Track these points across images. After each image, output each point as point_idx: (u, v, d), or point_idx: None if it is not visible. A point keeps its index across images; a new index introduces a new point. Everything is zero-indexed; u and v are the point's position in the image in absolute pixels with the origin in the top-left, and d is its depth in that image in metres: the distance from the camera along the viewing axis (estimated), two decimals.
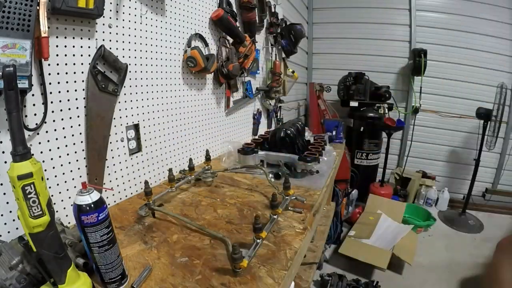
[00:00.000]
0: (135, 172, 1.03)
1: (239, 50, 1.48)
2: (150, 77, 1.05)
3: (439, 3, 3.19)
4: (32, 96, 0.69)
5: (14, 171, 0.42)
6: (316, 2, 3.60)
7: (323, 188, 1.14)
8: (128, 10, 0.93)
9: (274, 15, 1.96)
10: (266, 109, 2.10)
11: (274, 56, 2.07)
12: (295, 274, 0.72)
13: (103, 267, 0.54)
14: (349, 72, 3.20)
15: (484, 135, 2.88)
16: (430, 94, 3.33)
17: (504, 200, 3.29)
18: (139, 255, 0.68)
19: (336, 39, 3.63)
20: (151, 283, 0.59)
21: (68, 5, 0.69)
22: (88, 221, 0.50)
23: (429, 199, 3.31)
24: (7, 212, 0.65)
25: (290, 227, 0.82)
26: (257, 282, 0.59)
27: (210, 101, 1.44)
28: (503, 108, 2.79)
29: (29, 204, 0.43)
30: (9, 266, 0.50)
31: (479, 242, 2.70)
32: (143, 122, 1.03)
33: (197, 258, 0.67)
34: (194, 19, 1.25)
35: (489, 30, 3.08)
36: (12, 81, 0.43)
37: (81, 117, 0.81)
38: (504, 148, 3.26)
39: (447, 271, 2.25)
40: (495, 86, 2.88)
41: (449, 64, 3.25)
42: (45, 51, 0.66)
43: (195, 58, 1.16)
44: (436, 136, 3.48)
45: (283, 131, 1.39)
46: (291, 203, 0.92)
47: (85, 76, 0.81)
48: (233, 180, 1.21)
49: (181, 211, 0.92)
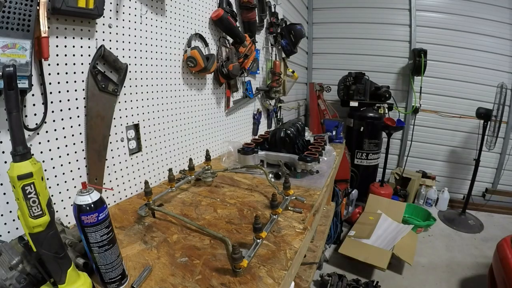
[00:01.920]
0: (135, 172, 1.03)
1: (239, 50, 1.48)
2: (150, 77, 1.05)
3: (439, 3, 3.19)
4: (32, 96, 0.69)
5: (14, 171, 0.42)
6: (316, 2, 3.60)
7: (323, 188, 1.13)
8: (128, 10, 0.93)
9: (274, 15, 1.96)
10: (266, 109, 2.10)
11: (274, 56, 2.07)
12: (295, 274, 0.72)
13: (103, 267, 0.54)
14: (349, 72, 3.20)
15: (484, 135, 2.88)
16: (430, 94, 3.34)
17: (504, 200, 3.29)
18: (139, 255, 0.68)
19: (336, 39, 3.63)
20: (151, 283, 0.59)
21: (68, 5, 0.69)
22: (88, 221, 0.50)
23: (429, 199, 3.31)
24: (7, 212, 0.65)
25: (290, 227, 0.82)
26: (257, 282, 0.59)
27: (210, 101, 1.44)
28: (503, 108, 2.80)
29: (29, 204, 0.43)
30: (9, 266, 0.50)
31: (479, 242, 2.70)
32: (143, 122, 1.03)
33: (197, 258, 0.67)
34: (194, 19, 1.25)
35: (489, 30, 3.09)
36: (12, 81, 0.43)
37: (81, 117, 0.81)
38: (504, 148, 3.27)
39: (447, 271, 2.25)
40: (495, 86, 2.88)
41: (449, 64, 3.25)
42: (45, 51, 0.66)
43: (195, 58, 1.16)
44: (436, 136, 3.48)
45: (283, 131, 1.39)
46: (291, 203, 0.93)
47: (85, 76, 0.81)
48: (233, 180, 1.20)
49: (181, 211, 0.92)
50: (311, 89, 3.30)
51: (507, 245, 1.74)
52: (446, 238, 2.76)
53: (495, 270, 1.78)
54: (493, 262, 1.83)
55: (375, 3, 3.39)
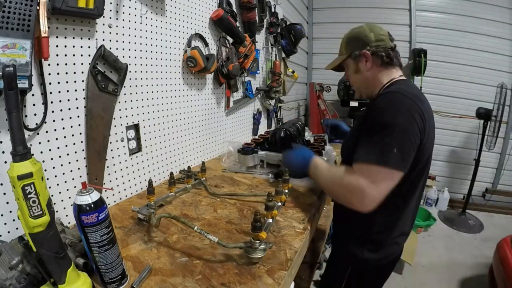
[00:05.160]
0: (135, 172, 1.03)
1: (239, 50, 1.48)
2: (150, 77, 1.05)
3: (439, 3, 3.19)
4: (32, 96, 0.69)
5: (14, 171, 0.42)
6: (316, 2, 3.60)
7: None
8: (128, 10, 0.93)
9: (274, 15, 1.96)
10: (266, 109, 2.10)
11: (274, 56, 2.07)
12: (295, 274, 0.72)
13: (103, 267, 0.54)
14: None
15: (484, 135, 2.88)
16: (430, 94, 3.32)
17: (504, 200, 3.29)
18: (139, 255, 0.68)
19: (336, 39, 3.57)
20: (151, 283, 0.59)
21: (68, 5, 0.69)
22: (88, 221, 0.50)
23: (429, 199, 3.31)
24: (7, 212, 0.65)
25: (290, 227, 0.82)
26: (257, 282, 0.59)
27: (210, 101, 1.44)
28: (503, 108, 2.80)
29: (29, 204, 0.43)
30: (9, 266, 0.50)
31: (479, 242, 2.70)
32: (143, 122, 1.03)
33: (197, 258, 0.67)
34: (194, 19, 1.25)
35: (489, 30, 3.09)
36: (12, 81, 0.43)
37: (81, 117, 0.81)
38: (504, 148, 3.27)
39: (447, 271, 2.25)
40: (495, 86, 2.88)
41: (449, 64, 3.25)
42: (45, 51, 0.66)
43: (195, 58, 1.16)
44: (436, 136, 3.46)
45: (283, 131, 1.39)
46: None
47: (85, 76, 0.81)
48: (233, 180, 1.20)
49: (181, 211, 0.91)
50: (311, 89, 3.30)
51: (507, 245, 1.74)
52: (446, 238, 2.76)
53: (495, 270, 1.78)
54: (493, 262, 1.83)
55: (375, 3, 3.39)
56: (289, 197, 1.02)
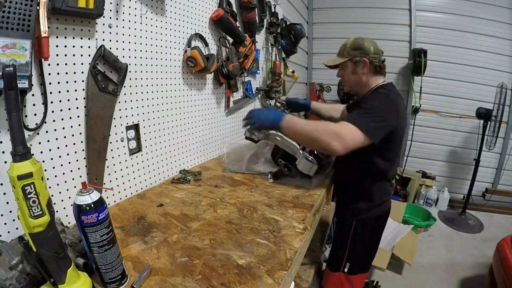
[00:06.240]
0: (135, 172, 1.03)
1: (239, 50, 1.48)
2: (150, 77, 1.05)
3: (439, 3, 3.19)
4: (32, 96, 0.69)
5: (14, 171, 0.42)
6: (316, 2, 3.60)
7: (323, 188, 1.14)
8: (128, 10, 0.93)
9: (274, 15, 1.96)
10: None
11: (274, 56, 2.07)
12: (295, 274, 0.72)
13: (103, 267, 0.54)
14: None
15: (484, 135, 2.88)
16: (430, 94, 3.33)
17: (504, 200, 3.29)
18: (139, 255, 0.68)
19: (336, 39, 3.61)
20: (151, 283, 0.59)
21: (68, 5, 0.69)
22: (88, 221, 0.50)
23: (429, 199, 3.30)
24: (7, 212, 0.65)
25: (290, 227, 0.82)
26: (257, 282, 0.59)
27: (210, 101, 1.44)
28: (503, 108, 2.79)
29: (29, 204, 0.43)
30: (9, 266, 0.50)
31: (479, 242, 2.70)
32: (143, 122, 1.03)
33: (197, 258, 0.67)
34: (194, 19, 1.25)
35: (489, 30, 3.08)
36: (12, 81, 0.43)
37: (81, 117, 0.81)
38: (504, 148, 3.26)
39: (447, 271, 2.25)
40: (495, 86, 2.88)
41: (449, 64, 3.25)
42: (45, 51, 0.66)
43: (195, 58, 1.16)
44: (436, 136, 3.48)
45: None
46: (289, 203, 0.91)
47: (85, 76, 0.81)
48: (233, 180, 1.20)
49: (181, 210, 0.91)
50: (311, 89, 3.30)
51: (507, 245, 1.74)
52: (446, 238, 2.75)
53: (495, 270, 1.77)
54: (493, 262, 1.83)
55: (375, 3, 3.38)
56: (289, 197, 1.02)
